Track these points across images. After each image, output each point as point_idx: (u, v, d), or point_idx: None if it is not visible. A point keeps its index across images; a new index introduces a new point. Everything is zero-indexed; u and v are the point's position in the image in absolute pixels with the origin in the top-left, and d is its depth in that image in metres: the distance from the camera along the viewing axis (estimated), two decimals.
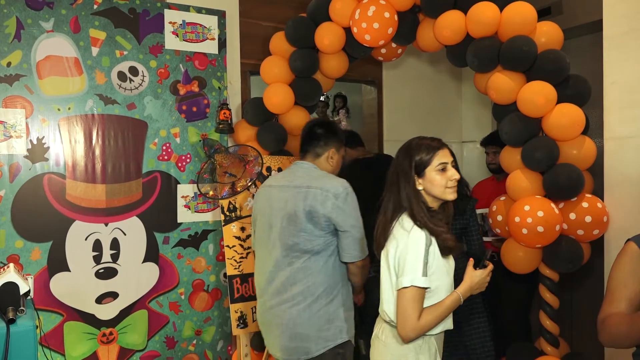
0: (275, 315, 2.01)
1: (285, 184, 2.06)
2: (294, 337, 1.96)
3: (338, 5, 2.70)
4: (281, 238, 2.00)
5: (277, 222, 2.02)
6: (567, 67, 2.36)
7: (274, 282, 2.02)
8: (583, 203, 2.36)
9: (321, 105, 5.57)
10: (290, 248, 1.98)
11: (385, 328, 1.76)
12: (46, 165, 2.61)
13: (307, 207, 1.95)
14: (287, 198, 2.01)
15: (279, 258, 2.01)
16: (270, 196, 2.09)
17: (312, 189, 1.97)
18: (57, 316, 2.64)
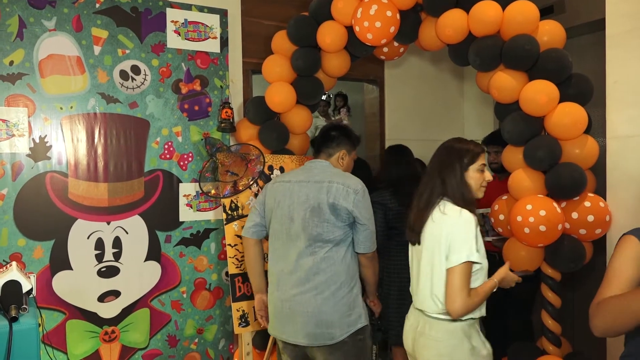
0: (300, 303, 2.09)
1: (304, 179, 2.19)
2: (320, 323, 2.06)
3: (340, 4, 2.70)
4: (305, 229, 2.10)
5: (300, 214, 2.13)
6: (569, 66, 2.36)
7: (297, 272, 2.11)
8: (585, 202, 2.36)
9: (322, 105, 5.58)
10: (314, 238, 2.09)
11: (433, 323, 1.87)
12: (48, 164, 2.62)
13: (330, 199, 2.09)
14: (308, 192, 2.14)
15: (302, 248, 2.11)
16: (289, 191, 2.19)
17: (334, 184, 2.12)
18: (59, 314, 2.64)
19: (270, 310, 2.24)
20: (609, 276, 1.50)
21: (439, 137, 4.24)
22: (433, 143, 4.41)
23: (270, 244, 2.26)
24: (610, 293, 1.45)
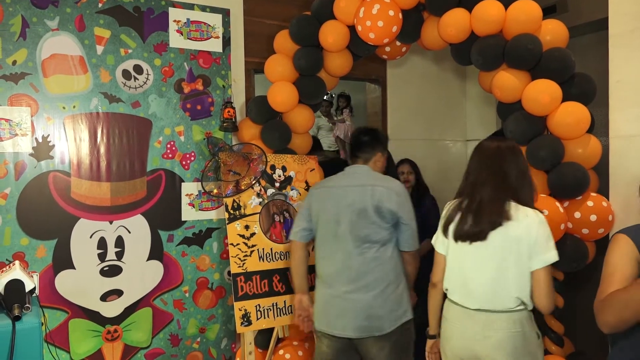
0: (351, 300, 2.22)
1: (347, 184, 2.32)
2: (370, 317, 2.19)
3: (342, 4, 2.69)
4: (352, 231, 2.23)
5: (347, 217, 2.25)
6: (572, 65, 2.35)
7: (347, 271, 2.24)
8: (588, 202, 2.35)
9: (325, 105, 5.58)
10: (363, 239, 2.22)
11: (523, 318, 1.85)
12: (51, 163, 2.63)
13: (375, 202, 2.22)
14: (353, 196, 2.26)
15: (351, 249, 2.24)
16: (334, 195, 2.31)
17: (378, 187, 2.25)
18: (62, 313, 2.65)
19: (319, 307, 2.33)
20: (607, 274, 1.53)
21: (441, 137, 4.27)
22: (435, 142, 4.43)
23: (318, 247, 2.37)
24: (611, 290, 1.48)
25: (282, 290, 2.69)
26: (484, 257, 1.86)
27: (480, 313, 1.87)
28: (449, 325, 1.98)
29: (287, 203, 2.86)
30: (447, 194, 4.37)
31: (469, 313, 1.90)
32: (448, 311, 2.00)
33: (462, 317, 1.92)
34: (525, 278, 1.83)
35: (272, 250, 2.73)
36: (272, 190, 2.85)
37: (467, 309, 1.91)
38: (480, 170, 1.94)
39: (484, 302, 1.86)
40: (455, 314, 1.95)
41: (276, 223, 2.80)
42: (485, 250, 1.86)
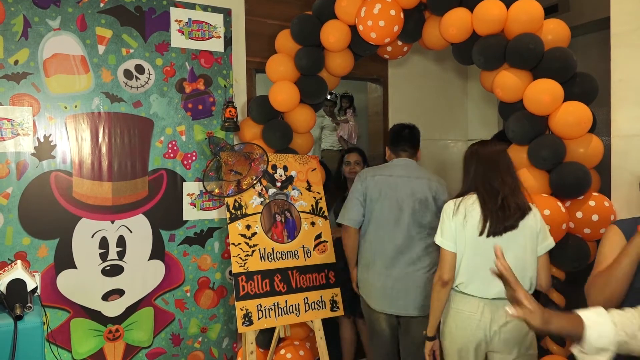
0: (413, 279, 2.48)
1: (405, 174, 2.58)
2: (428, 295, 2.32)
3: (344, 3, 2.69)
4: (414, 218, 2.50)
5: (409, 205, 2.51)
6: (574, 64, 2.35)
7: (408, 253, 2.50)
8: (590, 201, 2.35)
9: (329, 105, 5.58)
10: (424, 226, 2.51)
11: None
12: (53, 163, 2.63)
13: (432, 193, 2.53)
14: (413, 186, 2.53)
15: (413, 234, 2.51)
16: (394, 184, 2.56)
17: (432, 181, 2.56)
18: (63, 313, 2.65)
19: (376, 288, 2.55)
20: (597, 262, 1.69)
21: (442, 137, 4.27)
22: (436, 142, 4.43)
23: (375, 230, 2.58)
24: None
25: (284, 290, 2.69)
26: (510, 247, 2.00)
27: (499, 301, 2.00)
28: (464, 316, 2.07)
29: (288, 203, 2.86)
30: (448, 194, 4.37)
31: (486, 303, 2.03)
32: (461, 304, 2.09)
33: (481, 307, 2.04)
34: (535, 262, 2.06)
35: (273, 250, 2.73)
36: (273, 189, 2.85)
37: (484, 299, 2.04)
38: (491, 171, 2.08)
39: (498, 292, 1.99)
40: (472, 306, 2.06)
41: (277, 223, 2.80)
42: (509, 240, 2.02)
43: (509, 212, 2.02)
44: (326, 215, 2.93)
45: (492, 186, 2.05)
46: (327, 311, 2.75)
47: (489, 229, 2.03)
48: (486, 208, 2.05)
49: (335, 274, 2.84)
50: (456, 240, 2.10)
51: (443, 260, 2.14)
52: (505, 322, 2.01)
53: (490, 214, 2.03)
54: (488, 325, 2.02)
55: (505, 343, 2.02)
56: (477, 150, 2.15)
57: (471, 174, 2.14)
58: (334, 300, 2.78)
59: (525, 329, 2.00)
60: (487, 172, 2.09)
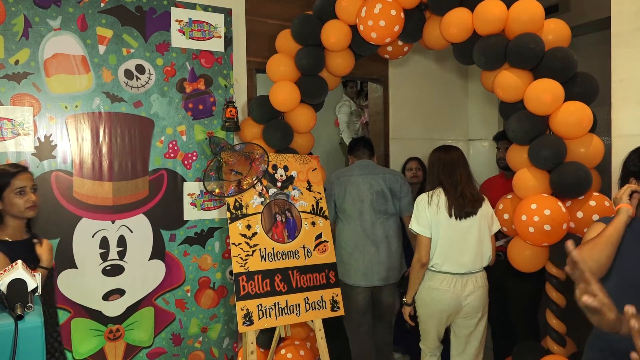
0: (377, 257, 3.01)
1: (364, 173, 3.10)
2: (389, 269, 3.03)
3: (344, 3, 2.69)
4: (373, 207, 3.02)
5: (367, 197, 3.03)
6: (574, 64, 2.35)
7: (372, 236, 3.02)
8: (590, 201, 2.35)
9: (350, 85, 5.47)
10: (382, 212, 3.04)
11: (479, 276, 2.57)
12: (53, 163, 2.63)
13: (387, 185, 3.06)
14: (370, 181, 3.06)
15: (374, 220, 3.03)
16: (355, 182, 3.08)
17: (386, 174, 3.11)
18: (64, 313, 2.65)
19: (354, 268, 3.02)
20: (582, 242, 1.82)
21: (443, 136, 4.27)
22: (437, 142, 4.42)
23: (347, 222, 3.07)
24: None
25: (284, 290, 2.69)
26: (472, 231, 2.52)
27: (467, 276, 2.53)
28: (440, 292, 2.54)
29: (288, 203, 2.86)
30: None
31: (457, 278, 2.53)
32: (436, 280, 2.56)
33: (452, 283, 2.53)
34: (489, 241, 2.58)
35: (273, 250, 2.73)
36: (274, 189, 2.85)
37: (456, 274, 2.53)
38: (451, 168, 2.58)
39: (471, 266, 2.53)
40: (446, 281, 2.54)
41: (278, 223, 2.80)
42: (471, 225, 2.52)
43: (466, 200, 2.52)
44: (327, 215, 2.93)
45: (452, 179, 2.56)
46: (327, 311, 2.75)
47: (454, 213, 2.52)
48: (450, 196, 2.54)
49: (335, 274, 2.84)
50: (431, 226, 2.55)
51: (420, 244, 2.58)
52: (472, 292, 2.52)
53: (454, 201, 2.52)
54: (459, 295, 2.52)
55: (472, 308, 2.54)
56: (439, 154, 2.65)
57: (435, 172, 2.63)
58: (334, 300, 2.78)
59: (485, 296, 2.56)
60: (447, 169, 2.58)
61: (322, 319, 2.71)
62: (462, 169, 2.58)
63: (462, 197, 2.53)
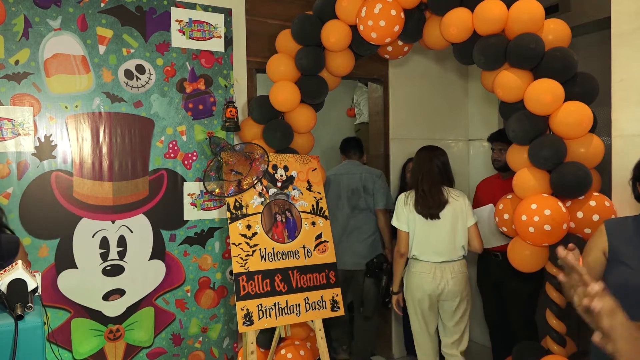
0: (351, 245, 3.49)
1: (346, 172, 3.57)
2: (359, 256, 3.47)
3: (344, 3, 2.69)
4: (349, 203, 3.51)
5: (345, 194, 3.51)
6: (574, 64, 2.35)
7: (349, 227, 3.50)
8: (590, 201, 2.35)
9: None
10: (356, 208, 3.50)
11: (456, 264, 2.84)
12: (54, 163, 2.63)
13: (362, 183, 3.51)
14: (349, 180, 3.53)
15: (349, 214, 3.51)
16: (337, 180, 3.55)
17: (363, 173, 3.53)
18: (64, 313, 2.65)
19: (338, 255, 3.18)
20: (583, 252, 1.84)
21: (443, 137, 4.27)
22: (437, 142, 4.41)
23: (332, 217, 3.40)
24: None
25: (284, 290, 2.69)
26: (443, 226, 2.82)
27: (445, 264, 2.82)
28: (420, 276, 2.84)
29: (289, 203, 2.87)
30: None
31: (436, 265, 2.82)
32: (419, 267, 2.86)
33: (432, 269, 2.82)
34: (465, 232, 2.84)
35: (274, 250, 2.73)
36: (274, 189, 2.85)
37: (434, 263, 2.82)
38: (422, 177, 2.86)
39: (448, 256, 2.82)
40: (425, 268, 2.83)
41: (278, 223, 2.80)
42: (442, 222, 2.82)
43: (430, 204, 2.82)
44: (327, 215, 2.93)
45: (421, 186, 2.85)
46: (327, 311, 2.75)
47: (422, 214, 2.84)
48: (418, 199, 2.86)
49: (335, 274, 2.84)
50: (408, 222, 2.88)
51: (399, 238, 2.92)
52: (451, 278, 2.81)
53: (421, 204, 2.83)
54: (439, 281, 2.81)
55: (451, 292, 2.81)
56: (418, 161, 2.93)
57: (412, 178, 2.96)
58: (334, 300, 2.78)
59: (464, 282, 2.84)
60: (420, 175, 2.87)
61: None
62: (432, 176, 2.84)
63: (428, 202, 2.82)
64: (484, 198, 3.27)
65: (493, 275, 3.28)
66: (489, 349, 3.85)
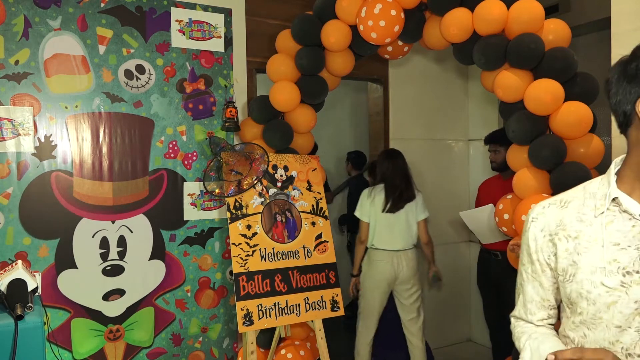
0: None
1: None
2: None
3: (344, 3, 2.69)
4: None
5: None
6: (574, 64, 2.35)
7: None
8: None
9: None
10: None
11: (409, 252, 3.27)
12: (54, 163, 2.63)
13: None
14: None
15: None
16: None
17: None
18: (64, 313, 2.66)
19: None
20: None
21: (443, 137, 4.27)
22: (437, 142, 4.43)
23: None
24: None
25: (284, 290, 2.69)
26: (401, 219, 3.24)
27: (401, 252, 3.25)
28: (380, 263, 3.25)
29: (289, 203, 2.86)
30: (449, 193, 4.38)
31: (394, 253, 3.24)
32: (378, 255, 3.27)
33: (390, 256, 3.23)
34: (416, 226, 3.29)
35: (274, 250, 2.73)
36: (274, 190, 2.85)
37: (391, 251, 3.24)
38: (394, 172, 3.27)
39: (402, 245, 3.24)
40: (384, 256, 3.24)
41: (278, 223, 2.80)
42: (400, 215, 3.23)
43: (402, 199, 3.22)
44: (327, 215, 2.93)
45: (394, 182, 3.24)
46: (327, 311, 2.75)
47: (389, 208, 3.22)
48: (389, 195, 3.23)
49: (335, 274, 2.84)
50: (370, 214, 3.27)
51: (361, 227, 3.32)
52: (405, 265, 3.23)
53: (392, 199, 3.22)
54: (396, 267, 3.23)
55: (406, 277, 3.23)
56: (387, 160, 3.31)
57: (379, 174, 3.33)
58: (334, 301, 2.78)
59: (415, 268, 3.27)
60: (390, 172, 3.27)
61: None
62: (402, 173, 3.27)
63: (400, 197, 3.22)
64: (485, 198, 3.27)
65: (493, 275, 3.28)
66: (489, 349, 3.85)
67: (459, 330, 4.40)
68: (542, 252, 1.19)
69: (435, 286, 3.74)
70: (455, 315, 4.36)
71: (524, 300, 1.26)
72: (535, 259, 1.21)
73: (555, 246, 1.16)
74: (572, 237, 1.13)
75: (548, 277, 1.20)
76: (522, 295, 1.26)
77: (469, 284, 4.40)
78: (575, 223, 1.14)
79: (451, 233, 4.31)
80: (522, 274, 1.26)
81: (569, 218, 1.15)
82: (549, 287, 1.21)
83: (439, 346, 4.23)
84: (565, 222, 1.15)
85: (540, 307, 1.24)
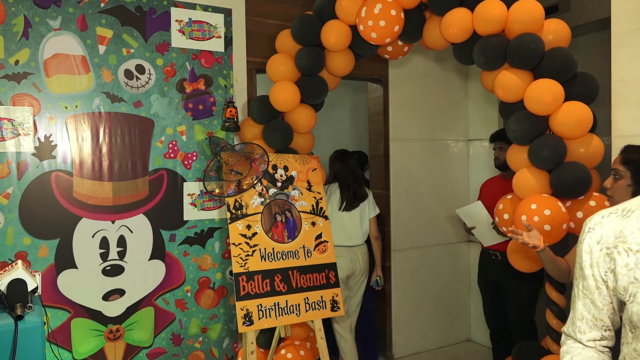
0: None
1: None
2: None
3: (344, 3, 2.69)
4: None
5: None
6: (574, 64, 2.35)
7: None
8: (590, 202, 2.35)
9: None
10: None
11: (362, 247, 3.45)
12: (53, 163, 2.63)
13: None
14: None
15: None
16: None
17: None
18: (64, 313, 2.66)
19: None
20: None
21: (443, 137, 4.27)
22: (437, 142, 4.43)
23: None
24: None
25: (284, 290, 2.69)
26: (355, 216, 3.41)
27: (356, 247, 3.42)
28: (340, 259, 3.29)
29: (288, 203, 2.87)
30: (449, 193, 4.38)
31: (350, 249, 3.39)
32: (338, 251, 3.30)
33: (348, 252, 3.38)
34: (368, 221, 3.47)
35: (273, 250, 2.73)
36: (274, 189, 2.85)
37: (348, 246, 3.39)
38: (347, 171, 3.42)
39: (356, 240, 3.42)
40: (343, 252, 3.36)
41: (278, 223, 2.80)
42: (354, 213, 3.41)
43: (356, 198, 3.40)
44: (327, 215, 2.93)
45: (347, 181, 3.40)
46: (327, 311, 2.75)
47: (344, 207, 3.38)
48: (344, 193, 3.39)
49: (335, 274, 2.84)
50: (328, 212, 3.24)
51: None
52: (361, 258, 3.41)
53: (347, 198, 3.38)
54: (354, 260, 3.39)
55: (361, 270, 3.42)
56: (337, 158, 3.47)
57: (332, 174, 3.47)
58: (334, 300, 2.78)
59: (368, 261, 3.46)
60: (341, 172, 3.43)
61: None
62: (354, 175, 3.43)
63: (354, 196, 3.40)
64: (486, 198, 3.27)
65: (493, 275, 3.28)
66: (489, 349, 3.85)
67: (459, 330, 4.40)
68: (598, 267, 1.07)
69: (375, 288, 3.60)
70: (455, 315, 4.36)
71: (573, 317, 1.16)
72: (589, 274, 1.09)
73: (613, 261, 1.04)
74: (634, 250, 1.01)
75: (603, 295, 1.09)
76: (573, 311, 1.17)
77: (469, 284, 4.40)
78: (639, 234, 1.01)
79: (451, 233, 4.31)
80: (574, 287, 1.16)
81: (631, 228, 1.02)
82: (603, 307, 1.10)
83: (439, 346, 4.23)
84: (626, 234, 1.02)
85: (591, 327, 1.12)
